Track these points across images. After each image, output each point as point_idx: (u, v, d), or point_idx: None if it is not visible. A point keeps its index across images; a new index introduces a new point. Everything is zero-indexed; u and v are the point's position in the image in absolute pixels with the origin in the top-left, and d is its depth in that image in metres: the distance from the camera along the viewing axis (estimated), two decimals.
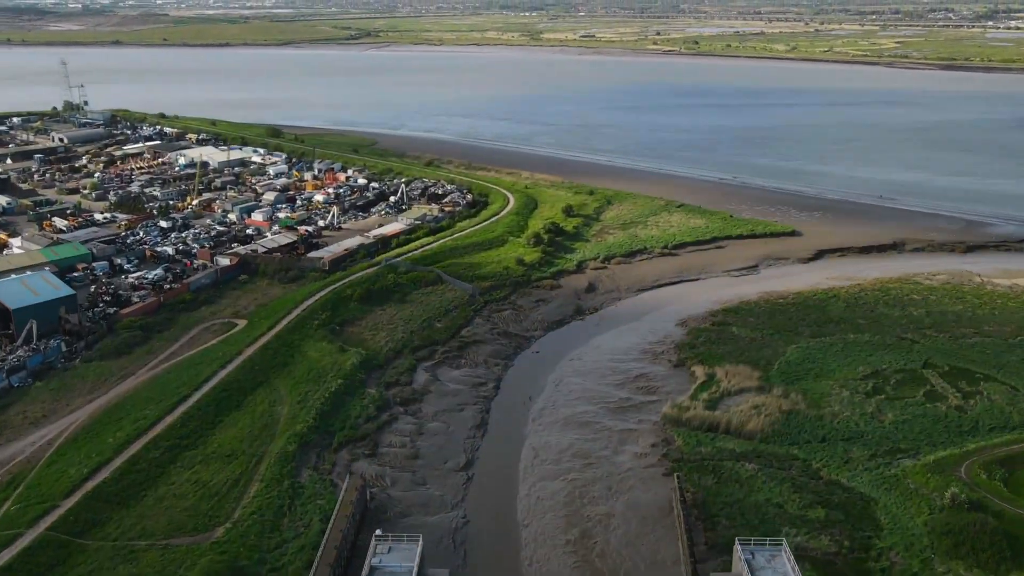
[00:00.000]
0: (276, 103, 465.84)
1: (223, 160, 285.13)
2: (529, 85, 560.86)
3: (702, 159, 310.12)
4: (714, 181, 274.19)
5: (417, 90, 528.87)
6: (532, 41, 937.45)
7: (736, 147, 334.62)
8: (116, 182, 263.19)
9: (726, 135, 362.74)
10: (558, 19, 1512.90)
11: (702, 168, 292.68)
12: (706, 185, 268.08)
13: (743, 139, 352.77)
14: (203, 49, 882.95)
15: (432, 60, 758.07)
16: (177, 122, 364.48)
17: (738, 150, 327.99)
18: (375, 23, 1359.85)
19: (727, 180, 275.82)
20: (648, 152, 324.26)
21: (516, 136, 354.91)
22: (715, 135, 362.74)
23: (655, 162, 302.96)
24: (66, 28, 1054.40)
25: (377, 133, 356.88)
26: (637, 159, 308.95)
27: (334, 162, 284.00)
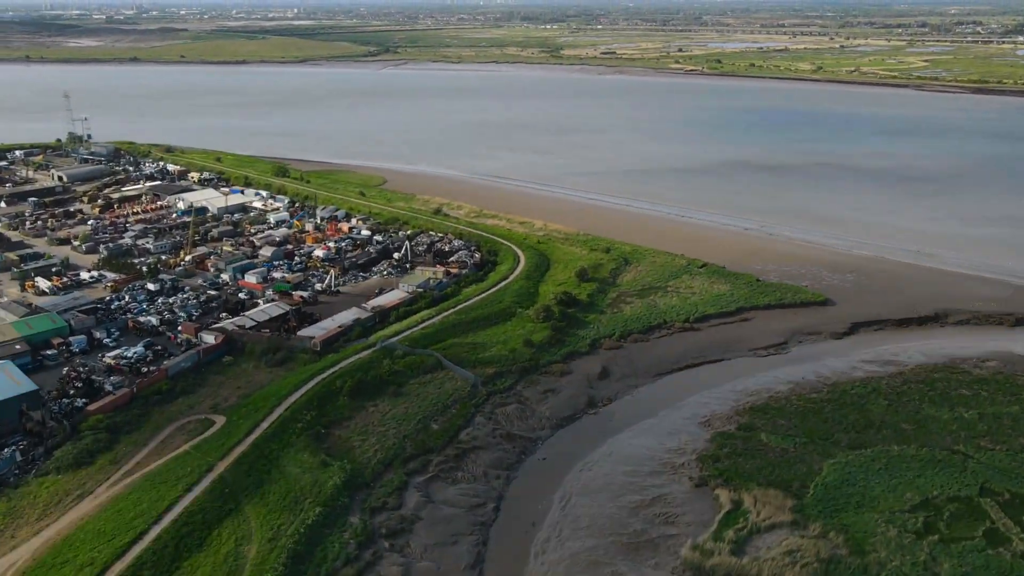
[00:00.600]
0: (288, 130, 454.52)
1: (223, 206, 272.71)
2: (546, 110, 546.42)
3: (723, 197, 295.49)
4: (738, 231, 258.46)
5: (433, 116, 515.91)
6: (552, 58, 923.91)
7: (760, 185, 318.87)
8: (110, 231, 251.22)
9: (749, 173, 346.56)
10: (579, 32, 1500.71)
11: (724, 212, 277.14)
12: (729, 236, 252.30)
13: (767, 176, 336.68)
14: (219, 67, 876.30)
15: (450, 80, 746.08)
16: (181, 157, 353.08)
17: (762, 189, 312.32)
18: (395, 36, 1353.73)
19: (752, 229, 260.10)
20: (665, 189, 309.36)
21: (531, 170, 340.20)
22: (736, 172, 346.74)
23: (675, 207, 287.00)
24: (84, 44, 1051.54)
25: (387, 170, 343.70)
26: (657, 203, 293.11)
27: (338, 209, 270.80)
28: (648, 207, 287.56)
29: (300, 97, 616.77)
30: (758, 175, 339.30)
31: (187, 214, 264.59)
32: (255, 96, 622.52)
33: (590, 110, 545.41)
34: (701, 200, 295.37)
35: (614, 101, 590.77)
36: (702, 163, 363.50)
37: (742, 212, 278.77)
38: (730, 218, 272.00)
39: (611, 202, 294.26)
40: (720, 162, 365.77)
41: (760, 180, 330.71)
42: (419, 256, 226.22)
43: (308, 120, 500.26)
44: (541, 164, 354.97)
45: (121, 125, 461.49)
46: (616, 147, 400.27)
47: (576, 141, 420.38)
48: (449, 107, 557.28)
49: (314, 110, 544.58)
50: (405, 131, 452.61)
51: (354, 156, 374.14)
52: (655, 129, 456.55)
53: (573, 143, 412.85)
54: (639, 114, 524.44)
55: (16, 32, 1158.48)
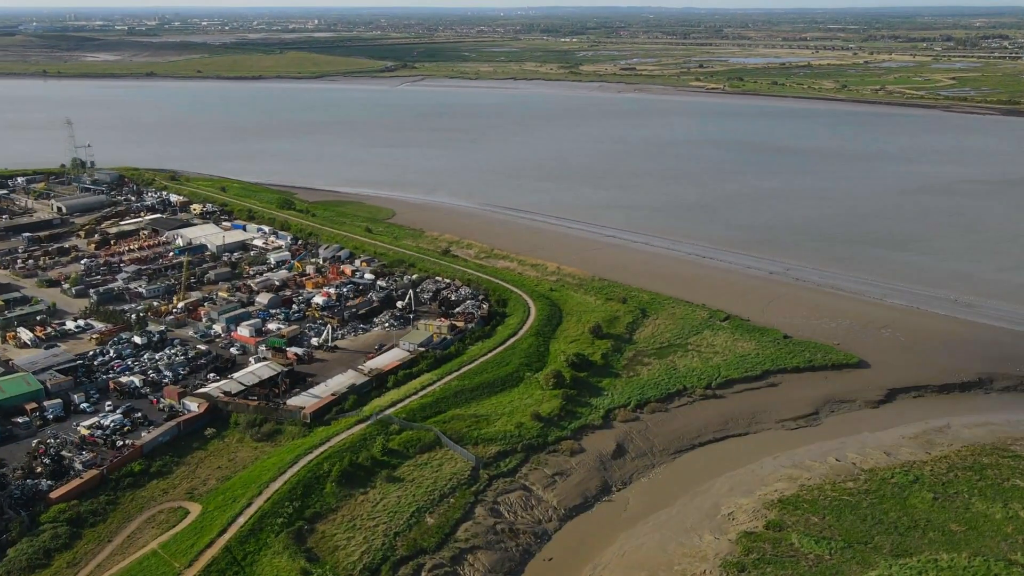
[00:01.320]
0: (298, 155, 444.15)
1: (221, 244, 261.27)
2: (564, 131, 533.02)
3: (746, 237, 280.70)
4: (763, 276, 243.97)
5: (447, 140, 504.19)
6: (571, 75, 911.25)
7: (782, 223, 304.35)
8: (103, 272, 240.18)
9: (770, 209, 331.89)
10: (599, 45, 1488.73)
11: (748, 253, 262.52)
12: (755, 282, 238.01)
13: (790, 212, 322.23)
14: (236, 83, 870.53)
15: (467, 97, 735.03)
16: (185, 186, 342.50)
17: (783, 227, 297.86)
18: (414, 49, 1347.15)
19: (778, 274, 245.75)
20: (684, 225, 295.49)
21: (545, 202, 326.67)
22: (757, 208, 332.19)
23: (695, 246, 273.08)
24: (102, 59, 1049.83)
25: (397, 200, 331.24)
26: (676, 242, 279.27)
27: (341, 248, 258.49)
28: (668, 246, 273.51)
29: (313, 113, 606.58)
30: (780, 212, 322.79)
31: (184, 252, 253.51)
32: (267, 114, 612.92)
33: (608, 134, 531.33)
34: (722, 239, 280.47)
35: (633, 124, 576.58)
36: (722, 198, 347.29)
37: (766, 253, 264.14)
38: (754, 259, 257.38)
39: (629, 240, 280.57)
40: (741, 196, 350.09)
41: (782, 218, 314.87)
42: (423, 304, 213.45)
43: (319, 143, 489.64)
44: (557, 196, 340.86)
45: (129, 147, 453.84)
46: (634, 179, 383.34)
47: (590, 171, 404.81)
48: (462, 129, 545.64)
49: (327, 132, 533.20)
50: (417, 157, 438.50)
51: (362, 184, 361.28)
52: (674, 159, 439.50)
53: (587, 173, 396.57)
54: (658, 140, 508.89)
55: (36, 46, 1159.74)
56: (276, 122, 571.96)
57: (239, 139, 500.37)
